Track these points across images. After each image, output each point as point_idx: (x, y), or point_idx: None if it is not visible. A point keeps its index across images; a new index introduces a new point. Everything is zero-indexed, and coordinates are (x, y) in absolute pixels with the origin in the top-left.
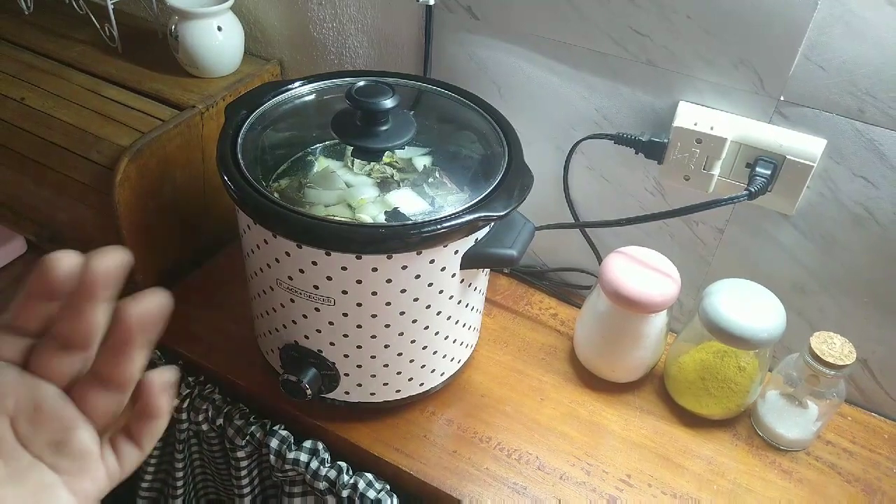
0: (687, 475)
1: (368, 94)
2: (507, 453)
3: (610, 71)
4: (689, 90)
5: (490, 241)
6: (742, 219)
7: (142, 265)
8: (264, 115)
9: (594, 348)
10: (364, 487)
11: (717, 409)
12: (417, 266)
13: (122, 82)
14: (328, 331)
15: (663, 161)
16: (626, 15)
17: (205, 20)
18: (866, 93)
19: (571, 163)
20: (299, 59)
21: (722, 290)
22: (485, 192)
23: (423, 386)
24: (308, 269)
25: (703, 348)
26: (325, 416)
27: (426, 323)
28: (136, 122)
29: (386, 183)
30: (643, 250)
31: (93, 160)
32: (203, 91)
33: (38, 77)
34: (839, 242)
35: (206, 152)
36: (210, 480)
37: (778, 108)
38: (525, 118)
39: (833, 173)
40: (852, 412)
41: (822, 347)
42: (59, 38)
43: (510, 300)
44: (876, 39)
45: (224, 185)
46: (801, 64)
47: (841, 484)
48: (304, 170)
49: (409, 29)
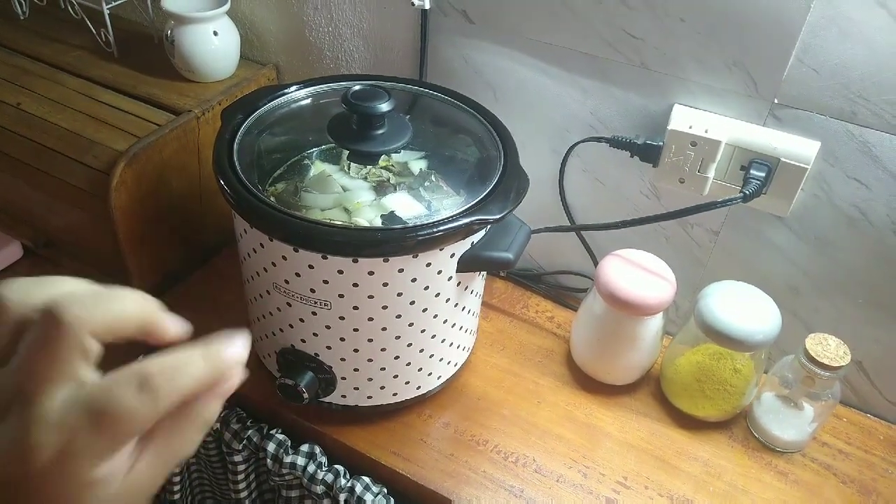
0: (683, 477)
1: (364, 98)
2: (504, 456)
3: (605, 74)
4: (683, 93)
5: (486, 244)
6: (737, 221)
7: (138, 270)
8: (260, 119)
9: (590, 351)
10: (361, 491)
11: (713, 411)
12: (414, 269)
13: (118, 87)
14: (325, 334)
15: (658, 164)
16: (620, 18)
17: (201, 25)
18: (859, 95)
19: (567, 166)
20: (295, 64)
21: (717, 293)
22: (481, 195)
23: (420, 389)
24: (304, 273)
25: (698, 350)
26: (322, 419)
27: (423, 326)
28: (133, 127)
29: (382, 186)
30: (639, 253)
31: (89, 165)
32: (199, 95)
33: (33, 82)
34: (833, 244)
35: (203, 157)
36: (207, 485)
37: (772, 111)
38: (520, 121)
39: (827, 175)
40: (847, 413)
41: (817, 349)
42: (55, 43)
43: (506, 303)
44: (868, 42)
45: (220, 190)
46: (794, 67)
47: (836, 485)
48: (301, 174)
49: (405, 33)
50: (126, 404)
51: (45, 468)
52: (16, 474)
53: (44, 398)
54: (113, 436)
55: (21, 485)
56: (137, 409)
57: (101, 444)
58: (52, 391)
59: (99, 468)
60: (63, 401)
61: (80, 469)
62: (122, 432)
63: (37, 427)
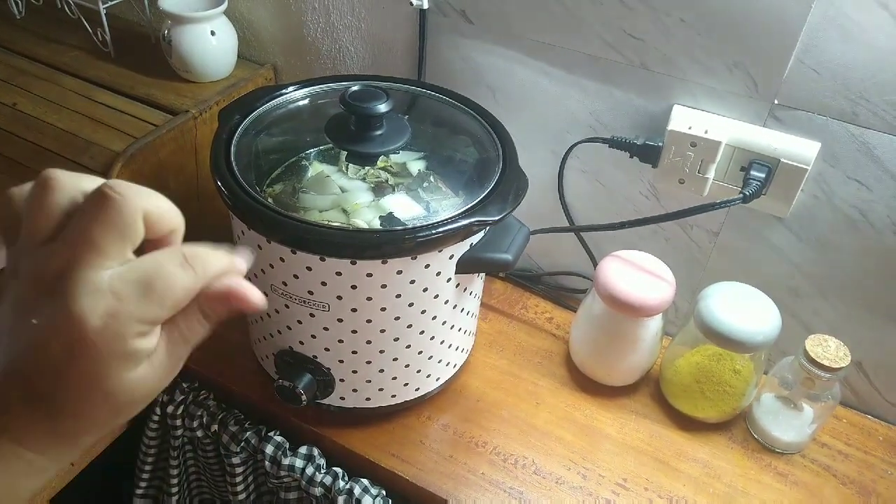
0: (683, 478)
1: (362, 99)
2: (503, 458)
3: (604, 75)
4: (683, 94)
5: (485, 245)
6: (737, 222)
7: None
8: (258, 119)
9: (590, 352)
10: (360, 493)
11: (713, 413)
12: (412, 271)
13: (115, 87)
14: (323, 336)
15: (658, 165)
16: (620, 18)
17: (198, 24)
18: (860, 96)
19: (566, 167)
20: (293, 64)
21: (717, 294)
22: (480, 196)
23: (419, 391)
24: (302, 275)
25: (698, 351)
26: (320, 421)
27: (421, 328)
28: (129, 127)
29: (380, 187)
30: (638, 254)
31: (85, 165)
32: (196, 96)
33: (30, 82)
34: (833, 245)
35: (200, 157)
36: (205, 487)
37: (772, 112)
38: (520, 122)
39: (827, 176)
40: (847, 414)
41: (816, 350)
42: (52, 43)
43: (506, 304)
44: (869, 42)
45: (217, 191)
46: (794, 67)
47: (836, 486)
48: (299, 175)
49: (404, 33)
50: (173, 274)
51: (95, 332)
52: (67, 340)
53: (94, 268)
54: (160, 302)
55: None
56: (182, 280)
57: (148, 311)
58: (101, 262)
59: (141, 339)
60: (111, 272)
61: (126, 335)
62: (168, 299)
63: (87, 293)
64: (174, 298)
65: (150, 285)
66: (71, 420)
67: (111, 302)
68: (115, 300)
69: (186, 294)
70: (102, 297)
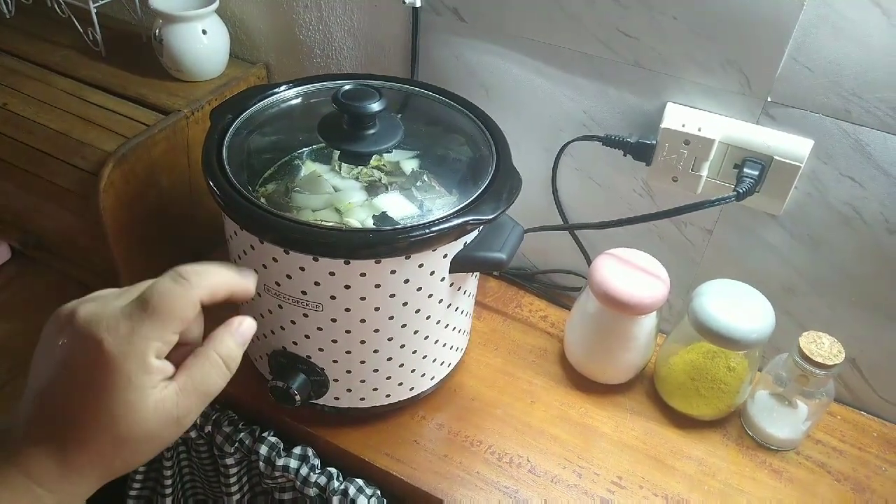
0: (678, 476)
1: (355, 98)
2: (498, 457)
3: (597, 72)
4: (676, 92)
5: (479, 244)
6: (730, 219)
7: (127, 271)
8: (250, 119)
9: (584, 350)
10: (354, 493)
11: (708, 410)
12: (406, 270)
13: (106, 87)
14: (316, 336)
15: (651, 162)
16: (613, 16)
17: (189, 23)
18: (852, 93)
19: (560, 165)
20: (285, 62)
21: (711, 291)
22: (473, 195)
23: (413, 390)
24: (295, 275)
25: (692, 349)
26: (314, 421)
27: (415, 327)
28: (121, 127)
29: (374, 187)
30: (632, 252)
31: (77, 166)
32: (188, 95)
33: (20, 82)
34: (827, 242)
35: (192, 157)
36: (199, 488)
37: (765, 109)
38: (513, 120)
39: (820, 173)
40: (841, 411)
41: (810, 347)
42: (42, 42)
43: (500, 303)
44: (862, 40)
45: (210, 191)
46: (787, 65)
47: (831, 483)
48: (291, 174)
49: (396, 31)
50: (168, 289)
51: (117, 345)
52: (84, 348)
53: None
54: (163, 318)
55: (97, 364)
56: (174, 291)
57: (155, 327)
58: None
59: (156, 355)
60: (117, 302)
61: (143, 349)
62: (167, 313)
63: (104, 318)
64: (169, 313)
65: (147, 303)
66: (77, 450)
67: (126, 322)
68: (128, 321)
69: (186, 303)
70: (118, 319)
